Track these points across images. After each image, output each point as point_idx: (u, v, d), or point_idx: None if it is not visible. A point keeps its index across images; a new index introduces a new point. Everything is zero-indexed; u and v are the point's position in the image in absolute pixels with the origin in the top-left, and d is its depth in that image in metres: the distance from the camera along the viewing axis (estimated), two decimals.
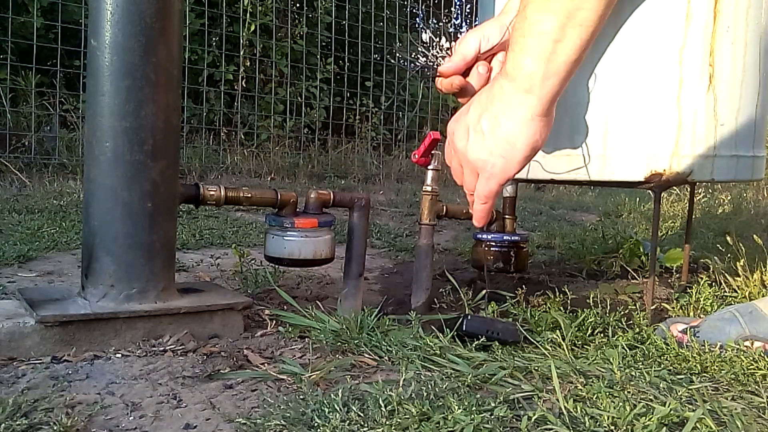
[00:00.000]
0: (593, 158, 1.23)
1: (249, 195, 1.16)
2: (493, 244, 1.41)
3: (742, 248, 1.52)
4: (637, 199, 3.62)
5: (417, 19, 5.30)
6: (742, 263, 1.47)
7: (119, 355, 0.96)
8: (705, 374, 0.94)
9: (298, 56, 4.13)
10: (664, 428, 0.72)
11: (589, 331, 1.11)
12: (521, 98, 0.71)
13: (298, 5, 4.33)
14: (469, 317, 1.03)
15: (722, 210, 3.52)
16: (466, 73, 0.93)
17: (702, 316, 1.22)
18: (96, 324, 0.98)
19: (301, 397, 0.82)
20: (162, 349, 0.99)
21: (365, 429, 0.70)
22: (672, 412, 0.74)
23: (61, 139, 3.20)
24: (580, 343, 1.08)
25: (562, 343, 1.03)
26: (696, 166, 1.18)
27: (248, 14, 3.92)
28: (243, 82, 4.05)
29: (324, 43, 4.36)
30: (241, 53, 3.98)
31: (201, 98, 3.88)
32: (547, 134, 0.74)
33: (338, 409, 0.74)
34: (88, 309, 0.98)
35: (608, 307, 1.23)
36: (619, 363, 0.92)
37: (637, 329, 1.13)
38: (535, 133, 0.74)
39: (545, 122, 0.74)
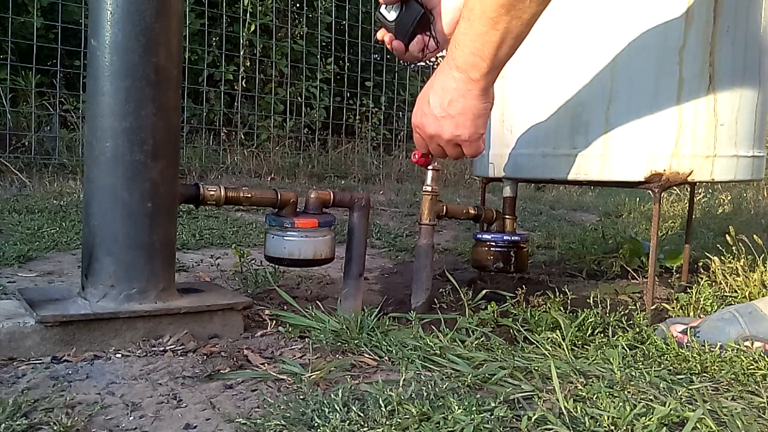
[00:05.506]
0: (593, 158, 1.23)
1: (249, 195, 1.16)
2: (493, 244, 1.41)
3: (742, 248, 1.52)
4: (637, 199, 3.62)
5: None
6: (742, 263, 1.47)
7: (119, 355, 0.96)
8: (705, 374, 0.94)
9: (298, 56, 4.13)
10: (664, 428, 0.72)
11: (589, 331, 1.11)
12: (472, 84, 0.94)
13: (298, 5, 4.32)
14: None
15: (722, 210, 3.52)
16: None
17: (702, 316, 1.22)
18: (96, 324, 0.98)
19: (301, 397, 0.82)
20: (162, 349, 0.99)
21: (365, 429, 0.70)
22: (672, 412, 0.74)
23: (61, 139, 3.20)
24: (580, 343, 1.08)
25: (562, 343, 1.03)
26: (696, 166, 1.18)
27: (248, 14, 3.92)
28: (243, 82, 4.04)
29: (324, 43, 4.35)
30: (241, 53, 3.97)
31: (201, 98, 3.88)
32: (493, 96, 0.99)
33: (338, 409, 0.74)
34: (88, 309, 0.98)
35: (608, 307, 1.23)
36: (619, 363, 0.92)
37: (637, 329, 1.13)
38: (487, 100, 0.97)
39: (491, 91, 0.98)
